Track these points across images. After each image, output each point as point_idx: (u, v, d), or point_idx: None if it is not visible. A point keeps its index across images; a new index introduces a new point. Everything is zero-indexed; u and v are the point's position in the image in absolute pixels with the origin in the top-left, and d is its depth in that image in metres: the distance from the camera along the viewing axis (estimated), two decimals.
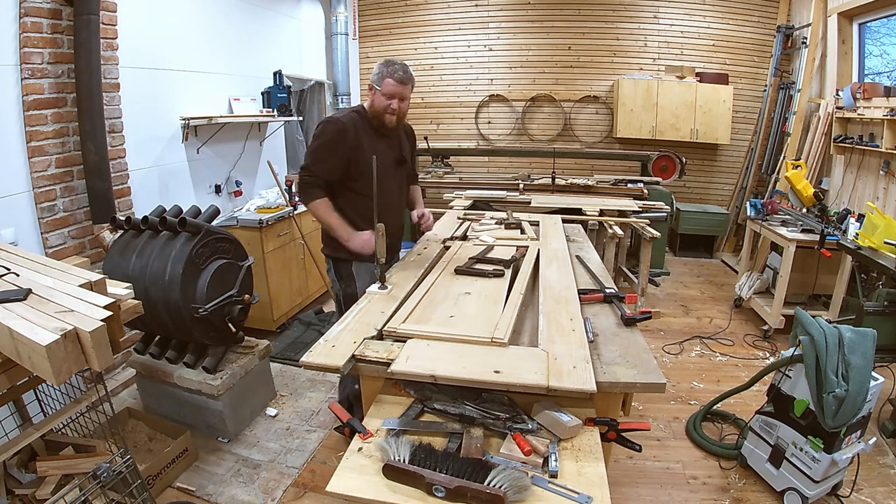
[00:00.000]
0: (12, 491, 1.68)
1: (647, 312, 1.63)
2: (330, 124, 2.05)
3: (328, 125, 2.06)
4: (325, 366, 1.30)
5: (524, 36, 5.66)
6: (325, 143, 2.03)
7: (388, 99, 2.01)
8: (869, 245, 2.85)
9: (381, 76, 1.99)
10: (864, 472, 2.15)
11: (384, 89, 2.00)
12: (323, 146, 2.03)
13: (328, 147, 2.02)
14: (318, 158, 2.03)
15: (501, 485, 0.99)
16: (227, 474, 2.24)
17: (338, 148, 2.02)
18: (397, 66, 2.01)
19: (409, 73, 2.03)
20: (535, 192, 4.17)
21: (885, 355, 2.49)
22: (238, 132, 3.96)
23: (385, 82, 1.99)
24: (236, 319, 2.39)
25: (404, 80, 2.00)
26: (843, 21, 4.14)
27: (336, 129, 2.02)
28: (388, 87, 1.99)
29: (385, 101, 2.01)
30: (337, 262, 2.21)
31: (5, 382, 1.37)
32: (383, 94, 2.00)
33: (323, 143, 2.03)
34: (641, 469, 2.27)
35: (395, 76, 1.98)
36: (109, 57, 2.76)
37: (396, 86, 1.99)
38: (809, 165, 4.27)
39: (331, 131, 2.03)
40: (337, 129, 2.02)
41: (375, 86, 2.02)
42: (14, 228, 2.36)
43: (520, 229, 2.70)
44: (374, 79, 2.02)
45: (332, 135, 2.02)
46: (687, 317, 3.98)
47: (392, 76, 1.98)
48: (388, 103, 2.02)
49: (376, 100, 2.04)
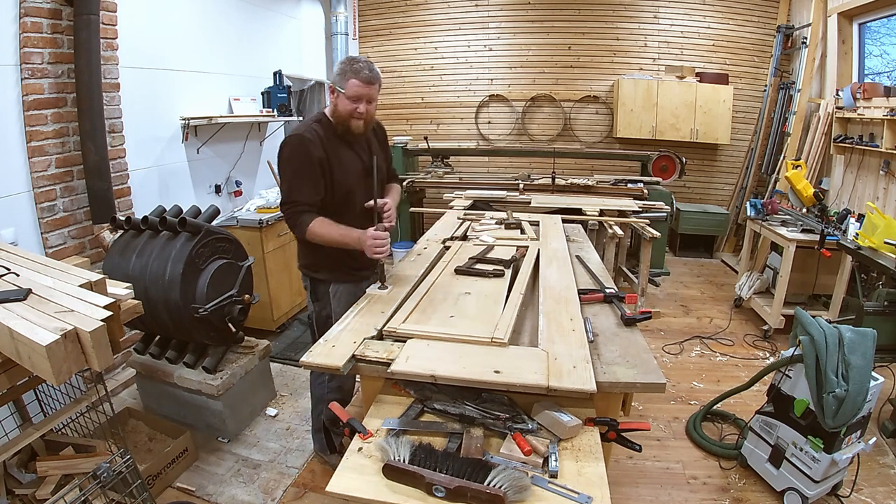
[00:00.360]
0: (12, 491, 1.68)
1: (647, 312, 1.63)
2: (291, 144, 1.83)
3: (291, 145, 1.83)
4: (325, 366, 1.30)
5: (524, 36, 5.66)
6: (295, 167, 1.83)
7: (353, 102, 1.80)
8: (869, 245, 2.85)
9: (345, 76, 1.78)
10: (864, 472, 2.15)
11: (348, 91, 1.78)
12: (295, 172, 1.83)
13: (300, 170, 1.82)
14: (295, 186, 1.83)
15: (501, 485, 0.99)
16: (227, 474, 2.24)
17: (310, 166, 1.82)
18: (362, 65, 1.79)
19: (375, 71, 1.82)
20: (535, 192, 4.17)
21: (885, 355, 2.49)
22: (238, 132, 3.96)
23: (349, 84, 1.77)
24: (236, 319, 2.39)
25: (371, 79, 1.79)
26: (843, 21, 4.14)
27: (299, 145, 1.81)
28: (352, 88, 1.78)
29: (350, 104, 1.80)
30: (314, 282, 2.05)
31: (5, 382, 1.37)
32: (348, 96, 1.79)
33: (293, 168, 1.83)
34: (641, 469, 2.27)
35: (361, 76, 1.77)
36: (109, 57, 2.76)
37: (362, 87, 1.78)
38: (809, 165, 4.26)
39: (296, 152, 1.82)
40: (301, 146, 1.81)
41: (338, 88, 1.81)
42: (14, 228, 2.36)
43: (520, 229, 2.70)
44: (337, 80, 1.81)
45: (300, 155, 1.81)
46: (687, 317, 3.98)
47: (357, 76, 1.77)
48: (354, 107, 1.81)
49: (340, 103, 1.83)
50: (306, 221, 1.82)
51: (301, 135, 1.82)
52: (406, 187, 4.71)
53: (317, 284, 2.05)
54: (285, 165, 1.85)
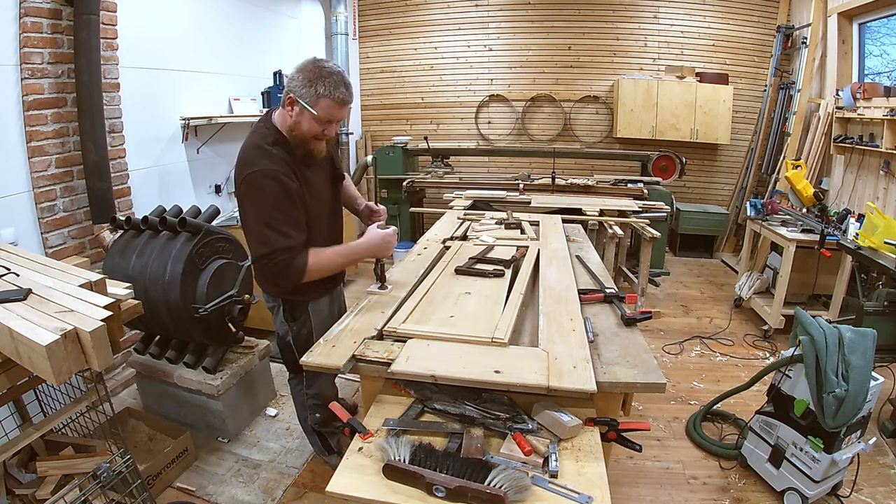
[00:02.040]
0: (12, 491, 1.68)
1: (647, 312, 1.63)
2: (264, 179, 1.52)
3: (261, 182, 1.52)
4: (325, 366, 1.30)
5: (524, 36, 5.66)
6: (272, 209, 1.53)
7: (320, 125, 1.53)
8: (869, 245, 2.85)
9: (315, 93, 1.47)
10: (864, 472, 2.15)
11: (320, 112, 1.49)
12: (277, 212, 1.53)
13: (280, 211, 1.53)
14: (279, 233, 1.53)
15: (502, 485, 0.99)
16: (227, 474, 2.24)
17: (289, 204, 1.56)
18: (337, 79, 1.48)
19: (350, 87, 1.54)
20: (535, 192, 4.17)
21: (885, 355, 2.49)
22: (238, 132, 3.96)
23: (321, 103, 1.48)
24: (236, 319, 2.39)
25: (346, 99, 1.51)
26: (843, 21, 4.14)
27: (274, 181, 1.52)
28: (325, 109, 1.50)
29: (317, 126, 1.53)
30: (289, 304, 1.85)
31: (5, 382, 1.37)
32: (317, 118, 1.51)
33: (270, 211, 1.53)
34: (641, 469, 2.27)
35: (336, 96, 1.48)
36: (109, 57, 2.76)
37: (336, 108, 1.51)
38: (809, 165, 4.26)
39: (270, 191, 1.52)
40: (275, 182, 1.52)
41: (304, 104, 1.49)
42: (14, 228, 2.36)
43: (520, 229, 2.70)
44: (303, 91, 1.48)
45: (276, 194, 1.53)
46: (687, 317, 3.98)
47: (332, 96, 1.48)
48: (321, 129, 1.54)
49: (305, 123, 1.52)
50: (301, 265, 1.56)
51: (269, 170, 1.51)
52: (406, 187, 4.71)
53: (294, 305, 1.86)
54: (257, 208, 1.53)
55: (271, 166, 1.52)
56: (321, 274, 1.64)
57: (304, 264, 1.57)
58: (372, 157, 4.99)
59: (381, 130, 6.17)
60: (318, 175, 1.73)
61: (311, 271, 1.59)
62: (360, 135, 6.14)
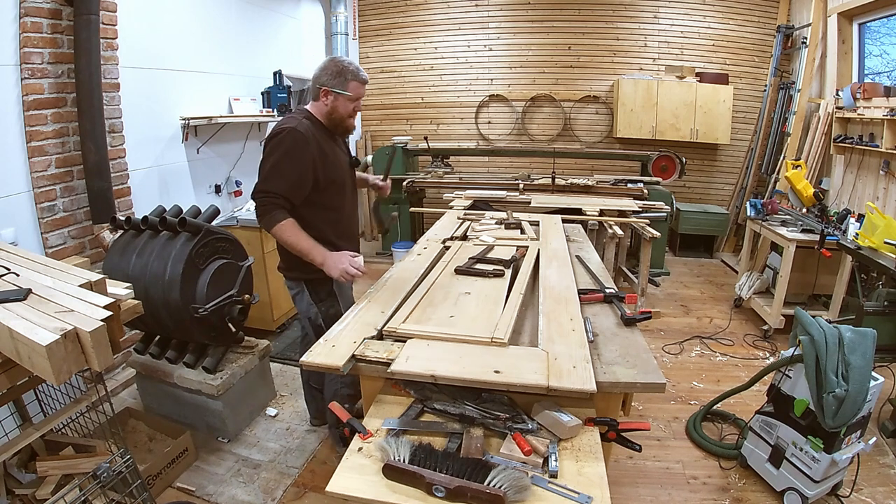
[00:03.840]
0: (12, 491, 1.68)
1: (647, 312, 1.63)
2: (287, 135, 1.80)
3: (285, 137, 1.80)
4: (325, 365, 1.30)
5: (524, 36, 5.66)
6: (284, 156, 1.80)
7: (353, 102, 1.91)
8: (869, 245, 2.85)
9: (345, 79, 1.86)
10: (864, 472, 2.15)
11: (352, 93, 1.88)
12: (282, 161, 1.80)
13: (289, 161, 1.80)
14: (278, 175, 1.80)
15: (501, 485, 0.99)
16: (227, 474, 2.24)
17: (300, 161, 1.82)
18: (355, 66, 1.89)
19: (363, 70, 1.94)
20: (535, 192, 4.18)
21: (885, 355, 2.49)
22: (238, 132, 3.96)
23: (351, 85, 1.87)
24: (236, 319, 2.39)
25: (366, 79, 1.92)
26: (843, 21, 4.14)
27: (295, 139, 1.80)
28: (355, 89, 1.89)
29: (350, 105, 1.91)
30: (313, 284, 2.04)
31: (5, 382, 1.37)
32: (350, 98, 1.89)
33: (281, 157, 1.80)
34: (641, 469, 2.27)
35: (360, 77, 1.88)
36: (109, 57, 2.76)
37: (361, 87, 1.90)
38: (809, 165, 4.26)
39: (289, 143, 1.80)
40: (296, 140, 1.80)
41: (337, 90, 1.86)
42: (14, 228, 2.36)
43: (520, 229, 2.70)
44: (334, 82, 1.86)
45: (292, 147, 1.80)
46: (687, 317, 3.98)
47: (357, 78, 1.87)
48: (354, 107, 1.92)
49: (340, 105, 1.90)
50: (278, 218, 1.80)
51: (296, 128, 1.81)
52: (406, 187, 4.72)
53: (318, 286, 2.04)
54: (272, 153, 1.81)
55: (297, 128, 1.82)
56: (282, 239, 1.86)
57: (278, 219, 1.81)
58: (372, 156, 4.99)
59: (381, 130, 6.17)
60: (338, 153, 2.02)
61: (279, 228, 1.81)
62: (360, 135, 6.14)
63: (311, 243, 1.83)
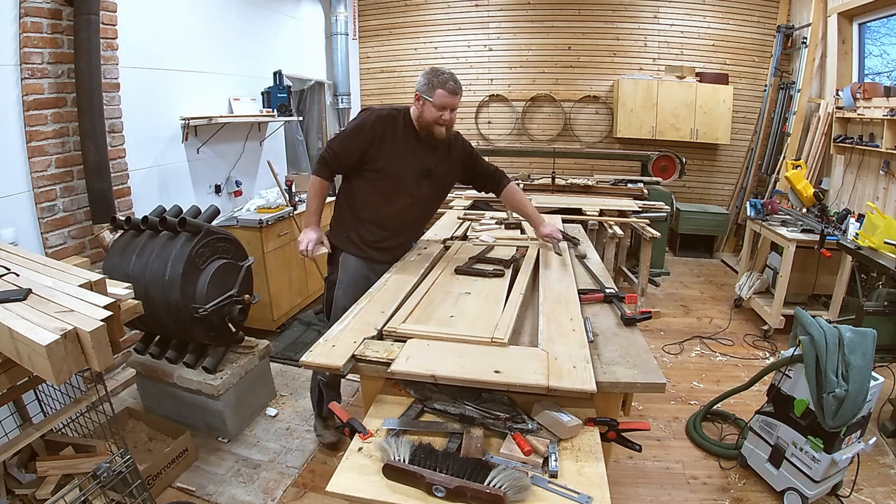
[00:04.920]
0: (12, 491, 1.68)
1: (647, 312, 1.63)
2: (366, 112, 2.11)
3: (364, 113, 2.12)
4: (325, 365, 1.30)
5: (524, 36, 5.66)
6: (353, 127, 2.08)
7: (438, 110, 1.98)
8: (869, 245, 2.85)
9: (432, 86, 1.96)
10: (864, 472, 2.15)
11: (436, 100, 1.96)
12: (349, 129, 2.08)
13: (353, 131, 2.06)
14: (338, 139, 2.09)
15: (501, 485, 0.99)
16: (227, 474, 2.24)
17: (360, 135, 2.03)
18: (448, 76, 1.98)
19: (458, 83, 2.00)
20: (535, 192, 4.17)
21: (885, 355, 2.49)
22: (238, 132, 3.96)
23: (437, 93, 1.96)
24: (236, 319, 2.39)
25: (456, 90, 1.98)
26: (843, 21, 4.14)
27: (368, 117, 2.06)
28: (440, 98, 1.96)
29: (436, 112, 1.98)
30: (333, 248, 2.23)
31: (5, 382, 1.37)
32: (435, 105, 1.97)
33: (351, 126, 2.09)
34: (641, 469, 2.27)
35: (448, 87, 1.96)
36: (109, 57, 2.76)
37: (448, 97, 1.97)
38: (809, 165, 4.26)
39: (362, 118, 2.08)
40: (368, 118, 2.05)
41: (425, 96, 1.98)
42: (14, 228, 2.35)
43: (520, 229, 2.70)
44: (423, 89, 1.99)
45: (362, 121, 2.06)
46: (687, 317, 3.98)
47: (444, 87, 1.96)
48: (440, 114, 1.99)
49: (426, 111, 2.00)
50: (318, 171, 2.10)
51: (378, 111, 2.08)
52: None
53: (334, 251, 2.22)
54: (349, 123, 2.14)
55: (379, 111, 2.07)
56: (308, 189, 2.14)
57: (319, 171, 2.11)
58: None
59: None
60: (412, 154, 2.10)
61: (312, 178, 2.13)
62: None
63: (312, 207, 2.11)
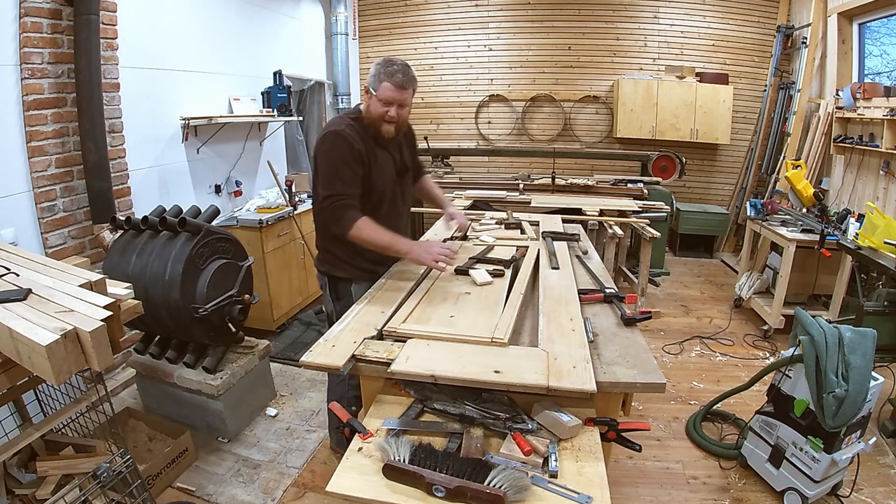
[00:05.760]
0: (12, 491, 1.68)
1: (647, 312, 1.63)
2: (332, 138, 1.80)
3: (331, 139, 1.80)
4: (325, 365, 1.30)
5: (524, 36, 5.66)
6: (337, 160, 1.79)
7: (384, 106, 1.78)
8: (869, 245, 2.85)
9: (378, 79, 1.76)
10: (864, 472, 2.15)
11: (381, 95, 1.76)
12: (338, 164, 1.79)
13: (343, 162, 1.79)
14: (339, 179, 1.78)
15: (501, 485, 0.99)
16: (227, 474, 2.24)
17: (352, 160, 1.80)
18: (396, 68, 1.76)
19: (410, 75, 1.78)
20: (535, 192, 4.17)
21: (885, 355, 2.49)
22: (238, 132, 3.96)
23: (382, 86, 1.75)
24: (236, 319, 2.39)
25: (404, 84, 1.76)
26: (843, 21, 4.14)
27: (341, 139, 1.79)
28: (385, 92, 1.75)
29: (381, 107, 1.78)
30: (334, 281, 2.02)
31: (5, 382, 1.37)
32: (380, 99, 1.77)
33: (336, 160, 1.79)
34: (641, 469, 2.27)
35: (394, 80, 1.74)
36: (109, 57, 2.76)
37: (395, 91, 1.75)
38: (809, 165, 4.26)
39: (338, 145, 1.79)
40: (342, 140, 1.79)
41: (371, 89, 1.78)
42: (14, 228, 2.36)
43: (520, 229, 2.70)
44: (371, 81, 1.79)
45: (342, 148, 1.79)
46: (687, 317, 3.98)
47: (390, 80, 1.74)
48: (385, 111, 1.79)
49: (372, 106, 1.81)
50: (353, 218, 1.76)
51: (342, 130, 1.79)
52: None
53: (338, 284, 2.02)
54: (325, 158, 1.79)
55: (345, 130, 1.80)
56: (361, 239, 1.78)
57: (354, 219, 1.77)
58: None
59: None
60: (385, 157, 1.94)
61: (357, 228, 1.76)
62: None
63: (391, 235, 1.81)
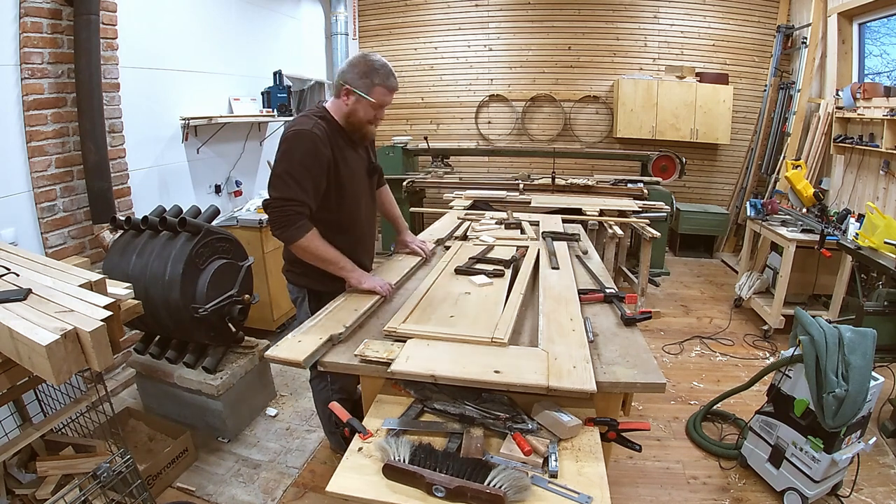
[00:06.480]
0: (12, 491, 1.68)
1: (647, 312, 1.63)
2: (299, 138, 1.65)
3: (298, 138, 1.65)
4: (288, 360, 1.31)
5: (524, 36, 5.66)
6: (298, 162, 1.63)
7: (375, 110, 1.73)
8: (869, 245, 2.85)
9: (370, 83, 1.68)
10: (864, 472, 2.15)
11: (375, 98, 1.70)
12: (298, 168, 1.64)
13: (305, 167, 1.64)
14: (292, 180, 1.63)
15: (501, 485, 0.99)
16: (227, 474, 2.24)
17: (316, 166, 1.67)
18: (388, 71, 1.71)
19: (396, 77, 1.75)
20: (535, 192, 4.17)
21: (885, 355, 2.49)
22: (238, 132, 3.96)
23: (376, 91, 1.69)
24: (236, 319, 2.39)
25: (396, 86, 1.75)
26: (843, 21, 4.14)
27: (308, 141, 1.65)
28: (380, 97, 1.71)
29: (372, 112, 1.73)
30: (316, 295, 1.86)
31: (5, 382, 1.37)
32: (373, 104, 1.71)
33: (297, 163, 1.64)
34: (641, 469, 2.27)
35: (389, 84, 1.71)
36: (109, 57, 2.76)
37: (388, 95, 1.72)
38: (809, 165, 4.26)
39: (303, 147, 1.64)
40: (309, 142, 1.65)
41: (360, 93, 1.68)
42: (14, 228, 2.36)
43: (520, 229, 2.70)
44: (358, 84, 1.68)
45: (307, 152, 1.65)
46: (687, 317, 3.97)
47: (385, 83, 1.70)
48: (375, 114, 1.74)
49: (361, 110, 1.72)
50: (304, 228, 1.66)
51: (310, 131, 1.65)
52: (406, 187, 4.71)
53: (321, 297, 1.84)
54: (286, 158, 1.65)
55: (312, 130, 1.67)
56: (309, 251, 1.70)
57: (304, 229, 1.66)
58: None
59: (381, 130, 6.16)
60: (355, 158, 1.86)
61: (304, 240, 1.67)
62: None
63: (337, 253, 1.73)
